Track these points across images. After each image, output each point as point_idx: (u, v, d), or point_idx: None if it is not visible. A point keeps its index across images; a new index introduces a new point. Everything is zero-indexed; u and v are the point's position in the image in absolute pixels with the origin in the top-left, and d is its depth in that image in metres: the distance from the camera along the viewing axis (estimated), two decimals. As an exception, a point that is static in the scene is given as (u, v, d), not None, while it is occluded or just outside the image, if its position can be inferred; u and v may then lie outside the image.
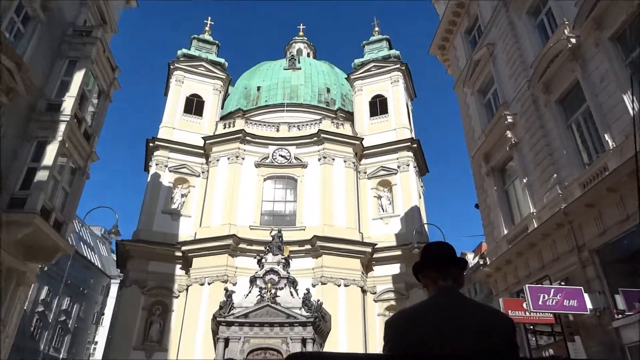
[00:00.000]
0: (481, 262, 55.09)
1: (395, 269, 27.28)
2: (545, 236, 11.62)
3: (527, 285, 9.70)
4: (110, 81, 17.67)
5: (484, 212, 15.54)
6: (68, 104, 14.63)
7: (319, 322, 22.54)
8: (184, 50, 37.31)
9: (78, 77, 15.27)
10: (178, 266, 28.13)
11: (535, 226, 12.00)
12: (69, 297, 42.89)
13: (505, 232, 13.88)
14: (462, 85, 17.92)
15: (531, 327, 12.56)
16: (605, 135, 9.79)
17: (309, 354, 1.44)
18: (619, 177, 8.95)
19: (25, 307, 36.95)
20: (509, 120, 13.80)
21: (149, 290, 26.97)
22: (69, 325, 43.11)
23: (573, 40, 10.83)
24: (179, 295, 27.23)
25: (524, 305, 10.47)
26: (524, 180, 13.00)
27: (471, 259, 62.24)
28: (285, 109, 36.68)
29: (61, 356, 41.63)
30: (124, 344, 25.25)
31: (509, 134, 13.85)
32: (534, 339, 12.43)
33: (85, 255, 47.17)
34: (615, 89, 9.57)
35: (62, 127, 14.17)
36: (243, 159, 30.83)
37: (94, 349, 46.68)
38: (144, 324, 26.22)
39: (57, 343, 41.30)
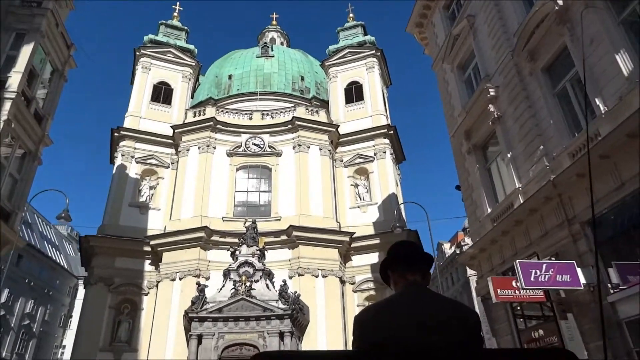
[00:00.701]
0: (457, 252, 55.48)
1: (373, 258, 26.57)
2: (532, 212, 11.02)
3: (517, 261, 9.03)
4: (65, 59, 16.26)
5: (466, 192, 14.93)
6: (14, 80, 13.25)
7: (297, 314, 21.66)
8: (151, 36, 35.57)
9: (26, 52, 13.87)
10: (147, 262, 26.73)
11: (521, 202, 11.40)
12: (32, 300, 40.61)
13: (489, 211, 13.28)
14: (440, 63, 17.26)
15: (518, 307, 12.01)
16: (596, 100, 9.19)
17: (276, 352, 1.15)
18: (612, 142, 8.36)
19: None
20: (492, 93, 13.17)
21: (116, 287, 25.49)
22: (34, 329, 40.83)
23: (560, 2, 10.20)
24: (148, 292, 25.86)
25: (514, 283, 9.84)
26: (508, 155, 12.39)
27: (447, 248, 62.54)
28: (258, 97, 35.51)
29: (26, 362, 39.51)
30: (90, 346, 23.75)
31: (491, 107, 13.22)
32: (521, 320, 11.87)
33: (49, 255, 44.85)
34: (607, 49, 8.97)
35: (7, 105, 12.78)
36: (214, 148, 29.55)
37: (62, 353, 44.50)
38: (111, 324, 24.76)
39: (21, 349, 39.02)
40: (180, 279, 24.83)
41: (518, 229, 11.56)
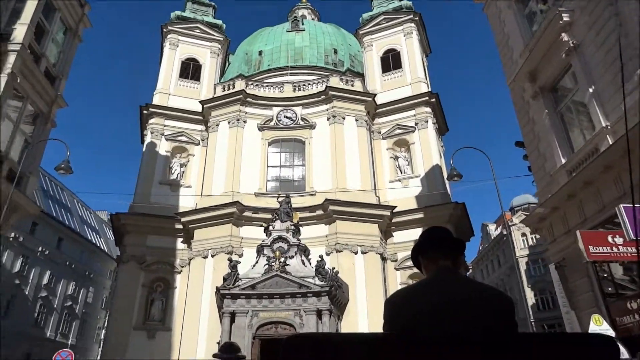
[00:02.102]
0: (504, 233, 52.44)
1: (416, 234, 24.44)
2: (625, 153, 8.80)
3: (621, 205, 6.96)
4: (78, 17, 15.09)
5: (531, 144, 12.74)
6: (19, 32, 12.09)
7: (336, 291, 20.08)
8: (178, 13, 34.50)
9: (31, 4, 12.68)
10: (179, 240, 25.86)
11: (611, 142, 9.20)
12: (74, 282, 41.10)
13: (563, 161, 11.10)
14: (494, 1, 14.94)
15: (606, 274, 9.85)
16: None
17: (311, 334, 1.39)
18: None
19: (27, 293, 35.32)
20: (565, 19, 10.89)
21: (148, 266, 24.76)
22: (76, 311, 41.39)
23: None
24: (181, 271, 24.99)
25: (610, 238, 7.75)
26: (590, 90, 10.14)
27: (493, 230, 59.39)
28: (290, 72, 33.78)
29: (70, 342, 40.02)
30: (124, 325, 23.14)
31: (564, 37, 10.95)
32: (610, 288, 9.73)
33: (89, 238, 45.33)
34: None
35: (11, 58, 11.64)
36: (245, 122, 28.20)
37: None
38: (144, 303, 24.06)
39: (65, 329, 39.63)
40: (213, 256, 23.75)
41: (606, 176, 9.37)
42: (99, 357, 27.20)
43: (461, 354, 1.30)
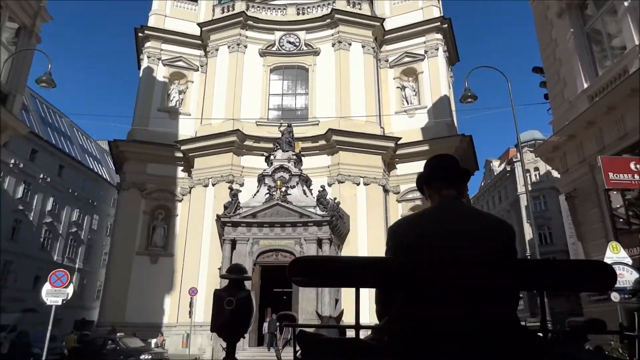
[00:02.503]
0: (508, 169, 52.12)
1: (421, 166, 23.74)
2: (658, 75, 8.03)
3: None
4: None
5: (551, 68, 11.84)
6: None
7: (336, 222, 20.03)
8: None
9: None
10: (179, 168, 25.55)
11: (643, 63, 8.38)
12: (78, 209, 41.58)
13: (585, 86, 10.31)
14: None
15: (619, 205, 9.43)
16: None
17: (314, 257, 1.49)
18: None
19: (31, 218, 35.82)
20: None
21: (149, 193, 24.66)
22: (82, 237, 42.27)
23: None
24: (182, 199, 24.93)
25: (633, 165, 7.21)
26: (625, 4, 9.12)
27: (496, 166, 59.12)
28: (293, -7, 31.64)
29: (77, 266, 41.27)
30: (126, 250, 23.46)
31: (601, -57, 9.72)
32: (621, 220, 9.34)
33: (90, 167, 45.25)
34: None
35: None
36: (245, 47, 26.80)
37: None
38: (146, 229, 24.25)
39: (71, 254, 40.71)
40: (213, 185, 23.55)
41: (632, 101, 8.65)
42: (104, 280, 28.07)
43: (461, 278, 1.30)
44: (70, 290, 9.79)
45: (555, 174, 45.18)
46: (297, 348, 1.45)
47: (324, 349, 1.38)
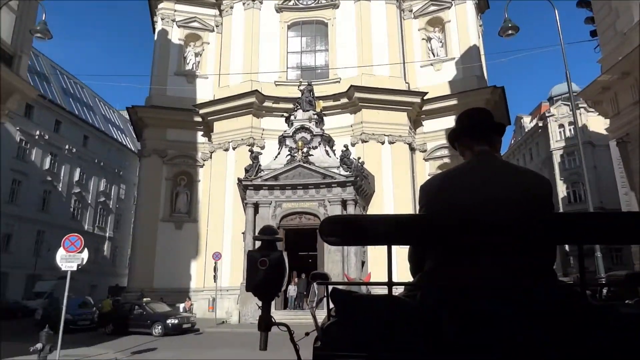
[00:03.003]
0: (540, 125, 49.82)
1: (450, 122, 22.84)
2: None
3: None
4: None
5: (600, -1, 10.42)
6: None
7: (361, 182, 19.26)
8: None
9: None
10: (199, 133, 25.08)
11: None
12: (105, 179, 42.12)
13: (644, 14, 8.96)
14: None
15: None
16: None
17: (346, 216, 1.66)
18: None
19: (60, 189, 36.46)
20: None
21: (170, 160, 24.37)
22: (110, 206, 43.03)
23: None
24: (203, 164, 24.56)
25: None
26: None
27: (527, 122, 56.70)
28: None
29: (107, 234, 42.25)
30: (151, 217, 23.46)
31: None
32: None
33: (115, 137, 45.52)
34: None
35: None
36: (261, 2, 25.53)
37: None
38: (169, 196, 24.12)
39: (101, 223, 41.60)
40: (234, 148, 23.01)
41: None
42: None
43: (495, 233, 1.27)
44: (85, 255, 9.43)
45: (592, 127, 42.91)
46: (331, 305, 1.47)
47: (358, 306, 1.38)
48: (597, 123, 43.51)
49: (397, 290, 1.50)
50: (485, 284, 1.27)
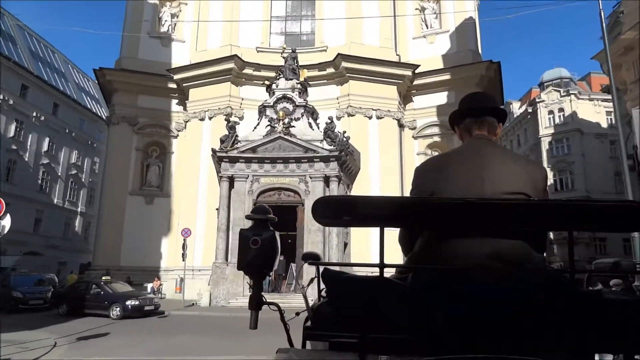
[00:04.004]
0: (529, 110, 49.00)
1: (441, 98, 21.61)
2: None
3: None
4: None
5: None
6: None
7: (345, 157, 17.89)
8: None
9: None
10: (174, 101, 23.28)
11: None
12: (77, 151, 39.85)
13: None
14: None
15: None
16: None
17: (340, 196, 1.59)
18: None
19: (27, 159, 34.27)
20: None
21: (141, 128, 22.59)
22: (82, 180, 40.87)
23: None
24: (177, 135, 22.86)
25: None
26: None
27: (516, 108, 55.88)
28: None
29: (79, 209, 40.18)
30: (119, 189, 21.76)
31: None
32: None
33: (88, 106, 43.06)
34: None
35: None
36: (244, -39, 23.56)
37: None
38: (140, 168, 22.41)
39: (72, 197, 39.48)
40: (210, 118, 21.35)
41: None
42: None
43: (487, 217, 1.26)
44: (6, 222, 7.86)
45: (581, 114, 42.23)
46: (322, 286, 1.47)
47: (349, 286, 1.36)
48: (586, 111, 43.00)
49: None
50: (476, 266, 1.30)
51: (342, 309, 1.28)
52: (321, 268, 1.46)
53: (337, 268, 1.43)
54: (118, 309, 13.18)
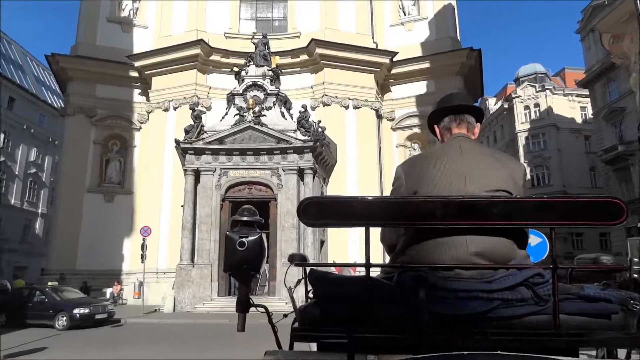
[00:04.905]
0: (505, 106, 48.89)
1: (420, 87, 20.66)
2: None
3: None
4: None
5: None
6: None
7: (321, 148, 16.69)
8: None
9: None
10: (136, 91, 21.62)
11: None
12: (36, 148, 37.48)
13: None
14: None
15: None
16: None
17: (328, 197, 1.72)
18: None
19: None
20: None
21: (100, 120, 20.84)
22: (43, 179, 38.45)
23: None
24: (140, 127, 21.20)
25: None
26: None
27: (492, 104, 55.86)
28: None
29: (39, 210, 37.73)
30: (75, 187, 19.95)
31: None
32: None
33: (49, 102, 40.57)
34: None
35: None
36: (211, -59, 22.08)
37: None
38: (98, 163, 20.65)
39: (32, 197, 37.05)
40: (175, 108, 19.81)
41: None
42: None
43: (468, 214, 1.28)
44: None
45: (557, 110, 42.29)
46: (309, 287, 1.49)
47: (336, 286, 1.38)
48: (561, 106, 43.10)
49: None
50: (461, 263, 1.31)
51: (330, 309, 1.28)
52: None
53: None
54: (64, 318, 11.60)
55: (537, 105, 44.65)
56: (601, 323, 1.21)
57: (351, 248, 17.20)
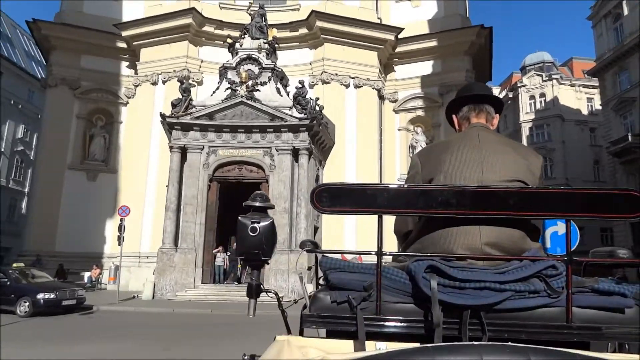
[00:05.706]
0: (510, 96, 47.64)
1: (426, 68, 19.39)
2: None
3: None
4: None
5: None
6: None
7: (318, 127, 15.48)
8: None
9: None
10: (124, 63, 20.29)
11: None
12: (24, 125, 36.17)
13: None
14: None
15: None
16: None
17: (344, 184, 1.33)
18: None
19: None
20: None
21: (84, 93, 19.55)
22: (31, 157, 37.15)
23: None
24: (127, 102, 19.91)
25: None
26: None
27: (496, 93, 54.57)
28: None
29: (26, 190, 36.51)
30: (55, 163, 18.75)
31: None
32: None
33: (39, 77, 39.06)
34: None
35: None
36: None
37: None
38: (81, 138, 19.40)
39: (18, 176, 35.83)
40: (164, 82, 18.53)
41: None
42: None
43: (483, 204, 1.27)
44: None
45: (562, 100, 41.02)
46: (320, 274, 1.49)
47: (347, 273, 1.36)
48: (568, 97, 41.84)
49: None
50: (472, 253, 1.31)
51: (340, 296, 1.27)
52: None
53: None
54: (27, 303, 10.47)
55: (542, 95, 43.44)
56: (615, 317, 1.17)
57: (347, 236, 16.13)
